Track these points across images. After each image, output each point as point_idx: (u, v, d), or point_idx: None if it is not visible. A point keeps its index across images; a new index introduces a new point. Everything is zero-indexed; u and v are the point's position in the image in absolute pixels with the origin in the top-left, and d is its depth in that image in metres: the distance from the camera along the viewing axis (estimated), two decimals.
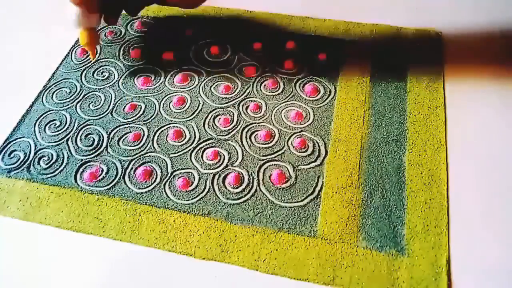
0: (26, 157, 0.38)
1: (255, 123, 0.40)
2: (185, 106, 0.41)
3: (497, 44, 0.45)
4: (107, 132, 0.40)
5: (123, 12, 0.43)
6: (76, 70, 0.45)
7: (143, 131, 0.40)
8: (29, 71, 0.45)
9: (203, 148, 0.38)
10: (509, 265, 0.30)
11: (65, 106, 0.42)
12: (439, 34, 0.46)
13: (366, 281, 0.30)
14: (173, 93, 0.43)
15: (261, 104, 0.41)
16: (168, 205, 0.35)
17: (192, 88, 0.43)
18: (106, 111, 0.41)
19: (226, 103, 0.41)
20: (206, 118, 0.40)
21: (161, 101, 0.42)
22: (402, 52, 0.45)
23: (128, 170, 0.37)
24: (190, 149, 0.38)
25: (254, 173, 0.36)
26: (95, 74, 0.45)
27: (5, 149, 0.39)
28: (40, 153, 0.38)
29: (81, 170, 0.37)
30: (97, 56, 0.46)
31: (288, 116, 0.40)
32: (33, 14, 0.52)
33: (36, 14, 0.52)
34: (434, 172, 0.35)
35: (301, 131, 0.39)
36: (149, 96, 0.42)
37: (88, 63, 0.46)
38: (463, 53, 0.44)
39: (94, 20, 0.38)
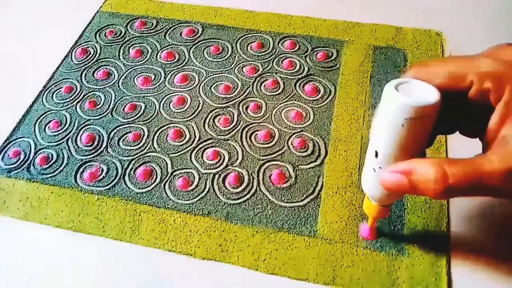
0: (26, 157, 0.38)
1: (255, 123, 0.40)
2: (185, 106, 0.41)
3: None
4: (107, 132, 0.40)
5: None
6: (76, 70, 0.45)
7: (143, 131, 0.40)
8: (29, 71, 0.45)
9: (203, 148, 0.38)
10: (509, 265, 0.30)
11: (65, 106, 0.42)
12: (439, 34, 0.46)
13: (366, 281, 0.30)
14: (173, 93, 0.43)
15: (261, 104, 0.41)
16: (168, 205, 0.35)
17: (192, 88, 0.43)
18: (106, 111, 0.41)
19: (226, 103, 0.41)
20: (206, 118, 0.40)
21: (161, 101, 0.42)
22: (402, 52, 0.45)
23: (128, 170, 0.37)
24: (190, 149, 0.38)
25: (254, 173, 0.36)
26: (95, 74, 0.45)
27: (5, 149, 0.39)
28: (40, 153, 0.38)
29: (81, 170, 0.37)
30: (97, 57, 0.46)
31: (288, 116, 0.40)
32: (33, 14, 0.52)
33: (37, 14, 0.52)
34: None
35: (301, 131, 0.39)
36: (149, 96, 0.42)
37: (88, 63, 0.46)
38: (463, 53, 0.44)
39: (396, 199, 0.32)
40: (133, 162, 0.37)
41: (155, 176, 0.36)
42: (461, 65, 0.24)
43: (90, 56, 0.46)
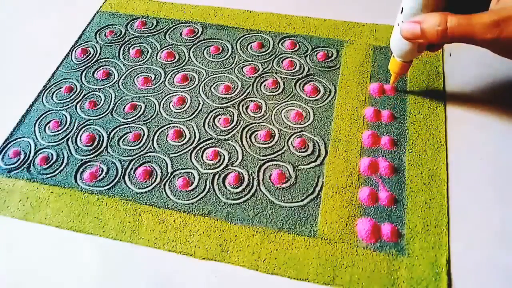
0: (26, 157, 0.38)
1: (255, 123, 0.40)
2: (185, 106, 0.41)
3: None
4: (107, 132, 0.40)
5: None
6: (76, 70, 0.45)
7: (143, 131, 0.40)
8: (29, 71, 0.45)
9: (203, 148, 0.38)
10: (509, 265, 0.30)
11: (65, 106, 0.42)
12: None
13: (366, 281, 0.30)
14: (173, 93, 0.43)
15: (261, 104, 0.41)
16: (168, 205, 0.35)
17: (192, 88, 0.43)
18: (106, 111, 0.41)
19: (226, 103, 0.41)
20: (206, 118, 0.40)
21: (161, 101, 0.42)
22: None
23: (128, 170, 0.37)
24: (190, 149, 0.38)
25: (254, 173, 0.36)
26: (95, 74, 0.45)
27: (5, 149, 0.39)
28: (40, 153, 0.38)
29: (81, 170, 0.37)
30: (97, 56, 0.46)
31: (288, 116, 0.40)
32: (33, 14, 0.52)
33: (36, 14, 0.52)
34: (434, 172, 0.35)
35: (301, 131, 0.39)
36: (149, 96, 0.42)
37: (88, 63, 0.46)
38: (463, 53, 0.44)
39: (418, 55, 0.36)
40: (133, 162, 0.37)
41: (155, 176, 0.36)
42: None
43: (90, 56, 0.46)
